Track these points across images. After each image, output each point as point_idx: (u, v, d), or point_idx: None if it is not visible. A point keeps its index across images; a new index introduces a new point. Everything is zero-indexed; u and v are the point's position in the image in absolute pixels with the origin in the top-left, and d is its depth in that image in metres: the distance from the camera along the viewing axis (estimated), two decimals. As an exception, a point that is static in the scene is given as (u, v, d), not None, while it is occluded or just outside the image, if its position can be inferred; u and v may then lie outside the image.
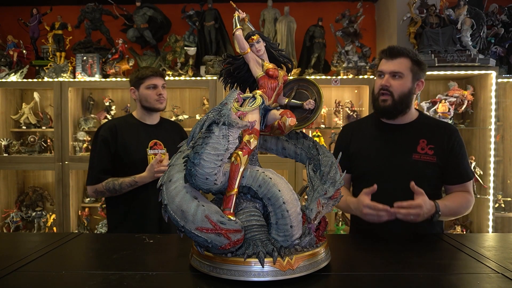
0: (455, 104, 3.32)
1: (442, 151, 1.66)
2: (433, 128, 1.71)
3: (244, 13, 1.18)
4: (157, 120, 2.27)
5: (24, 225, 3.63)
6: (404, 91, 1.65)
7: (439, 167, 1.65)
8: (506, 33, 3.54)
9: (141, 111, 2.23)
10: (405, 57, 1.66)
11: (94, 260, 1.25)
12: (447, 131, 1.70)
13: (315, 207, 1.11)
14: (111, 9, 3.69)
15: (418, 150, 1.66)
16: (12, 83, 3.55)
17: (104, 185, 2.06)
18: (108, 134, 2.11)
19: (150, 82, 2.16)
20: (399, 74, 1.65)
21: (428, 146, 1.65)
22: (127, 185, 2.04)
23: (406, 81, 1.65)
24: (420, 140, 1.67)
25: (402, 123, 1.73)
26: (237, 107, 1.04)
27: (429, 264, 1.20)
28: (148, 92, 2.16)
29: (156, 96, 2.16)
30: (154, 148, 2.13)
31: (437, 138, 1.67)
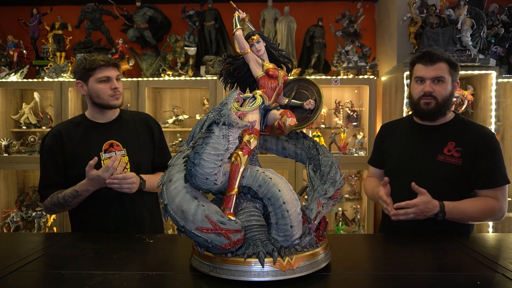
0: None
1: (470, 154, 1.64)
2: (465, 130, 1.71)
3: (244, 13, 1.18)
4: (115, 116, 1.90)
5: (24, 225, 3.63)
6: (447, 94, 1.69)
7: (465, 170, 1.64)
8: (506, 33, 3.54)
9: (92, 108, 1.87)
10: (444, 62, 1.70)
11: (94, 260, 1.25)
12: (479, 134, 1.69)
13: (315, 207, 1.12)
14: (111, 9, 3.68)
15: (444, 152, 1.67)
16: (12, 83, 3.55)
17: (49, 200, 1.76)
18: (52, 143, 1.80)
19: (101, 74, 1.78)
20: (441, 78, 1.69)
21: (455, 148, 1.66)
22: (69, 197, 1.70)
23: (447, 85, 1.70)
24: (448, 142, 1.69)
25: (435, 124, 1.75)
26: (237, 107, 1.04)
27: (429, 264, 1.20)
28: (100, 86, 1.79)
29: (111, 91, 1.80)
30: (109, 151, 1.79)
31: (467, 141, 1.67)
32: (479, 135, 1.69)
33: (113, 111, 1.90)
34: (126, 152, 1.82)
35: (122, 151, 1.82)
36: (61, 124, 1.95)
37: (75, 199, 1.72)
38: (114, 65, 1.84)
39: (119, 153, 1.80)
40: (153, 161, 1.94)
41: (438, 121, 1.75)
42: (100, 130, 1.85)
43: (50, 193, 1.77)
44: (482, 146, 1.65)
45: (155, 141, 1.94)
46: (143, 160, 1.88)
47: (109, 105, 1.83)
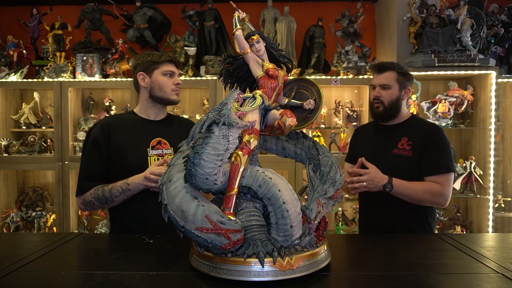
0: (455, 104, 3.32)
1: (419, 146, 1.89)
2: (417, 127, 1.97)
3: (244, 13, 1.18)
4: (164, 116, 1.92)
5: (24, 225, 3.63)
6: (393, 99, 1.97)
7: (415, 160, 1.89)
8: (506, 33, 3.54)
9: (146, 103, 1.86)
10: (391, 71, 1.98)
11: (94, 260, 1.25)
12: (427, 129, 1.95)
13: (315, 207, 1.12)
14: (111, 9, 3.68)
15: (398, 146, 1.94)
16: (12, 83, 3.55)
17: (93, 192, 1.70)
18: (99, 134, 1.75)
19: (167, 68, 1.83)
20: (387, 86, 1.97)
21: (407, 142, 1.92)
22: (117, 191, 1.66)
23: (393, 91, 1.97)
24: (402, 137, 1.95)
25: (393, 124, 2.03)
26: (237, 107, 1.04)
27: (429, 264, 1.20)
28: (164, 79, 1.82)
29: (173, 86, 1.84)
30: (157, 148, 1.77)
31: (416, 136, 1.93)
32: (427, 130, 1.94)
33: (163, 111, 1.91)
34: (173, 151, 1.80)
35: (170, 150, 1.80)
36: (110, 116, 1.96)
37: (122, 194, 1.66)
38: (177, 64, 1.90)
39: (166, 152, 1.78)
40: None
41: (395, 121, 2.02)
42: (149, 126, 1.84)
43: (92, 186, 1.71)
44: (429, 138, 1.90)
45: None
46: None
47: (169, 99, 1.85)
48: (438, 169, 1.87)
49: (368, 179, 1.78)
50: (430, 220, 1.95)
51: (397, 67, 1.98)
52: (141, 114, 1.88)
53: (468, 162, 3.33)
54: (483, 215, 3.37)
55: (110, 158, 1.75)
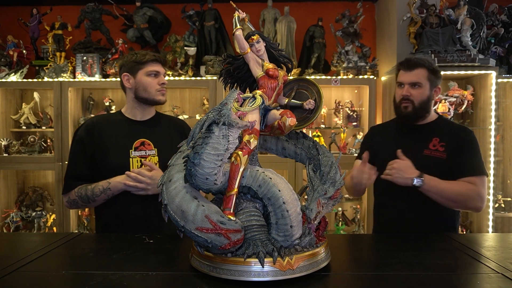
0: (455, 104, 3.32)
1: (453, 148, 1.77)
2: (447, 128, 1.86)
3: (244, 13, 1.18)
4: (151, 116, 1.90)
5: (24, 225, 3.63)
6: (423, 98, 1.82)
7: (449, 163, 1.76)
8: (506, 33, 3.54)
9: (132, 104, 1.85)
10: (422, 68, 1.83)
11: (94, 260, 1.25)
12: (459, 131, 1.84)
13: (315, 207, 1.12)
14: (111, 9, 3.68)
15: (430, 147, 1.80)
16: (12, 83, 3.54)
17: (76, 191, 1.73)
18: (84, 134, 1.77)
19: (152, 68, 1.80)
20: (418, 84, 1.82)
21: (440, 143, 1.79)
22: (99, 190, 1.68)
23: (424, 90, 1.82)
24: (433, 138, 1.81)
25: (420, 123, 1.89)
26: (237, 107, 1.04)
27: (429, 264, 1.20)
28: (149, 80, 1.79)
29: (158, 86, 1.81)
30: (140, 149, 1.76)
31: (449, 137, 1.81)
32: (459, 132, 1.84)
33: (150, 111, 1.89)
34: (157, 152, 1.80)
35: (153, 151, 1.79)
36: (96, 116, 1.95)
37: (102, 193, 1.69)
38: (162, 62, 1.86)
39: (149, 153, 1.78)
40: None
41: (423, 121, 1.88)
42: (134, 127, 1.83)
43: (77, 185, 1.75)
44: (463, 140, 1.80)
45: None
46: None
47: (154, 100, 1.83)
48: (472, 171, 1.73)
49: (396, 168, 1.64)
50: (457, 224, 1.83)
51: (427, 64, 1.84)
52: (127, 115, 1.87)
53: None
54: (483, 215, 3.37)
55: (95, 158, 1.76)
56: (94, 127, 1.79)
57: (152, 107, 1.89)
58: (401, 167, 1.65)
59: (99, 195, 1.69)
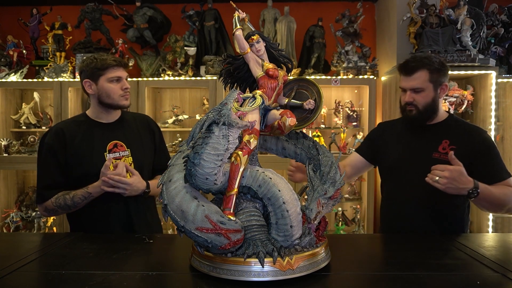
0: (455, 104, 3.32)
1: (464, 152, 1.65)
2: (458, 129, 1.75)
3: (244, 13, 1.18)
4: (117, 117, 1.88)
5: (24, 225, 3.62)
6: (428, 101, 1.73)
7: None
8: (506, 33, 3.54)
9: (97, 108, 1.84)
10: (422, 70, 1.72)
11: (94, 260, 1.25)
12: (474, 133, 1.73)
13: (315, 207, 1.12)
14: (111, 9, 3.68)
15: (439, 150, 1.71)
16: (12, 83, 3.55)
17: (54, 201, 1.71)
18: (54, 142, 1.75)
19: (113, 73, 1.77)
20: (419, 89, 1.72)
21: (450, 146, 1.69)
22: (80, 199, 1.68)
23: (428, 93, 1.72)
24: (443, 140, 1.72)
25: (430, 123, 1.80)
26: (237, 107, 1.04)
27: (429, 264, 1.20)
28: (111, 86, 1.77)
29: (121, 91, 1.79)
30: (114, 151, 1.77)
31: (461, 140, 1.71)
32: (473, 134, 1.73)
33: (116, 112, 1.88)
34: (130, 153, 1.81)
35: (126, 152, 1.80)
36: (62, 122, 1.91)
37: (85, 200, 1.69)
38: (124, 66, 1.84)
39: (123, 154, 1.79)
40: (154, 163, 1.92)
41: (432, 120, 1.79)
42: (103, 130, 1.82)
43: (53, 194, 1.73)
44: (479, 144, 1.69)
45: (156, 143, 1.94)
46: (146, 162, 1.87)
47: (119, 105, 1.82)
48: (501, 176, 1.66)
49: (449, 177, 1.47)
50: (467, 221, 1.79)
51: (427, 64, 1.72)
52: (94, 118, 1.86)
53: (468, 162, 3.33)
54: (483, 215, 3.37)
55: (68, 165, 1.75)
56: (65, 133, 1.77)
57: (125, 108, 1.89)
58: (455, 177, 1.48)
59: (80, 202, 1.70)
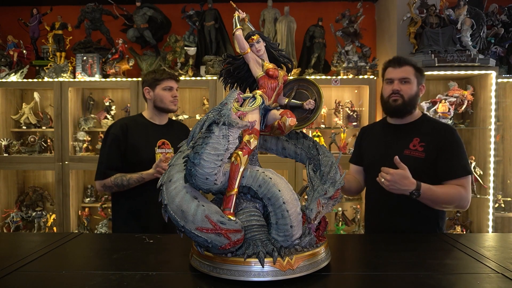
0: (455, 104, 3.32)
1: (432, 148, 1.82)
2: (429, 128, 1.90)
3: (244, 13, 1.18)
4: (166, 121, 2.34)
5: (24, 225, 3.63)
6: (412, 93, 1.89)
7: (428, 162, 1.81)
8: (506, 33, 3.54)
9: (152, 111, 2.30)
10: (410, 66, 1.92)
11: (94, 260, 1.25)
12: (441, 131, 1.87)
13: (315, 207, 1.12)
14: (111, 9, 3.68)
15: (410, 147, 1.86)
16: (12, 83, 3.55)
17: (113, 180, 2.12)
18: (119, 133, 2.18)
19: (167, 84, 2.25)
20: (407, 79, 1.90)
21: (420, 143, 1.85)
22: (134, 181, 2.10)
23: (413, 85, 1.90)
24: (414, 138, 1.87)
25: (404, 123, 1.95)
26: (237, 107, 1.04)
27: (429, 264, 1.20)
28: (164, 93, 2.24)
29: (171, 98, 2.26)
30: (162, 148, 2.20)
31: (430, 137, 1.85)
32: (440, 131, 1.87)
33: (165, 116, 2.33)
34: (173, 151, 2.21)
35: (171, 150, 2.22)
36: (126, 118, 2.39)
37: (138, 183, 2.10)
38: (176, 79, 2.31)
39: (168, 151, 2.21)
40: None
41: (406, 120, 1.94)
42: (156, 129, 2.27)
43: (112, 174, 2.13)
44: (444, 140, 1.83)
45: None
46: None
47: (168, 109, 2.27)
48: (458, 173, 1.78)
49: (390, 180, 1.63)
50: (441, 222, 1.88)
51: (413, 63, 1.94)
52: (149, 119, 2.30)
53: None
54: (483, 215, 3.37)
55: (127, 153, 2.18)
56: (128, 128, 2.21)
57: (166, 114, 2.32)
58: (396, 180, 1.62)
59: (133, 184, 2.11)
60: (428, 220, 1.84)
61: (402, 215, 1.82)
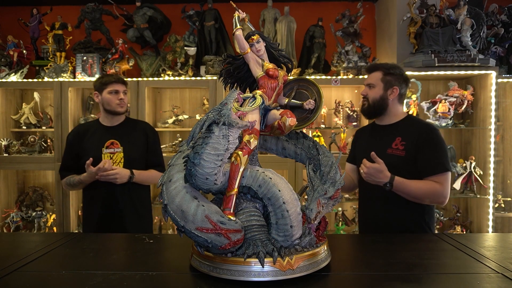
0: (455, 104, 3.32)
1: (413, 147, 1.93)
2: (410, 127, 2.01)
3: (244, 13, 1.18)
4: (119, 122, 2.45)
5: (24, 225, 3.63)
6: (376, 97, 2.05)
7: (408, 160, 1.93)
8: (506, 33, 3.54)
9: (103, 114, 2.44)
10: (378, 71, 2.07)
11: (94, 260, 1.25)
12: (421, 129, 1.98)
13: (315, 207, 1.11)
14: (111, 9, 3.68)
15: (392, 146, 1.99)
16: (12, 83, 3.55)
17: (65, 180, 2.37)
18: (73, 138, 2.42)
19: (112, 87, 2.36)
20: (371, 85, 2.07)
21: (401, 142, 1.97)
22: (77, 182, 2.30)
23: (377, 90, 2.05)
24: (396, 137, 1.99)
25: (388, 123, 2.08)
26: (237, 107, 1.04)
27: (429, 264, 1.20)
28: (110, 96, 2.36)
29: (117, 101, 2.37)
30: (110, 148, 2.35)
31: (410, 136, 1.97)
32: (420, 130, 1.97)
33: (118, 118, 2.44)
34: (123, 149, 2.36)
35: (119, 149, 2.36)
36: (82, 125, 2.67)
37: (80, 184, 2.32)
38: (122, 82, 2.41)
39: (116, 150, 2.36)
40: (147, 160, 2.43)
41: (390, 121, 2.07)
42: (106, 131, 2.41)
43: (67, 175, 2.36)
44: (422, 138, 1.93)
45: (148, 143, 2.45)
46: (136, 157, 2.38)
47: (115, 111, 2.38)
48: (435, 169, 1.90)
49: (366, 172, 1.83)
50: (427, 219, 1.97)
51: (383, 68, 2.06)
52: (102, 122, 2.46)
53: (468, 162, 3.33)
54: (483, 215, 3.37)
55: (79, 156, 2.35)
56: (79, 133, 2.43)
57: (118, 115, 2.42)
58: (372, 173, 1.81)
59: (79, 184, 2.32)
60: (413, 214, 1.94)
61: (387, 208, 1.94)
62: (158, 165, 2.43)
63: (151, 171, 2.39)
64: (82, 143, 2.38)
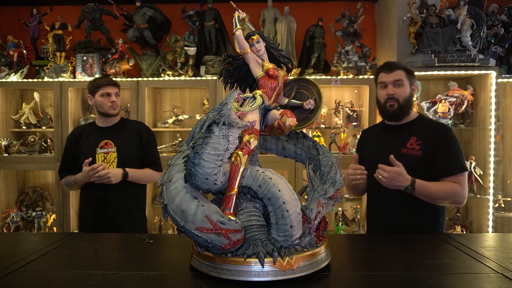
0: (455, 104, 3.32)
1: (429, 146, 1.88)
2: (425, 127, 1.97)
3: (244, 13, 1.18)
4: (114, 122, 2.49)
5: (24, 225, 3.63)
6: (406, 95, 1.97)
7: (424, 160, 1.87)
8: (506, 33, 3.54)
9: (97, 115, 2.50)
10: (401, 69, 2.00)
11: (94, 260, 1.25)
12: (436, 129, 1.94)
13: (315, 207, 1.12)
14: (111, 9, 3.68)
15: (407, 145, 1.93)
16: (12, 83, 3.55)
17: (64, 180, 2.43)
18: (70, 140, 2.49)
19: (104, 90, 2.40)
20: (399, 82, 1.97)
21: (416, 142, 1.92)
22: (72, 181, 2.36)
23: (406, 87, 1.98)
24: (411, 137, 1.94)
25: (401, 123, 2.02)
26: (237, 107, 1.04)
27: (429, 264, 1.20)
28: (102, 99, 2.41)
29: (109, 103, 2.41)
30: (104, 148, 2.40)
31: (426, 136, 1.92)
32: (436, 130, 1.94)
33: (112, 119, 2.48)
34: (116, 149, 2.41)
35: (113, 149, 2.41)
36: (80, 126, 2.66)
37: (75, 184, 2.36)
38: (114, 85, 2.44)
39: (110, 150, 2.41)
40: (142, 159, 2.46)
41: (403, 120, 2.01)
42: (100, 132, 2.46)
43: (65, 175, 2.42)
44: (439, 138, 1.90)
45: (142, 143, 2.48)
46: (130, 156, 2.42)
47: (108, 113, 2.43)
48: (453, 169, 1.85)
49: (387, 177, 1.74)
50: (441, 220, 1.93)
51: (403, 65, 2.01)
52: (97, 123, 2.52)
53: (468, 162, 3.33)
54: (483, 215, 3.37)
55: (77, 156, 2.42)
56: (75, 135, 2.49)
57: (111, 117, 2.46)
58: (392, 177, 1.73)
59: (73, 185, 2.37)
60: (427, 215, 1.89)
61: (402, 211, 1.88)
62: (153, 164, 2.45)
63: (146, 170, 2.41)
64: (78, 144, 2.43)
